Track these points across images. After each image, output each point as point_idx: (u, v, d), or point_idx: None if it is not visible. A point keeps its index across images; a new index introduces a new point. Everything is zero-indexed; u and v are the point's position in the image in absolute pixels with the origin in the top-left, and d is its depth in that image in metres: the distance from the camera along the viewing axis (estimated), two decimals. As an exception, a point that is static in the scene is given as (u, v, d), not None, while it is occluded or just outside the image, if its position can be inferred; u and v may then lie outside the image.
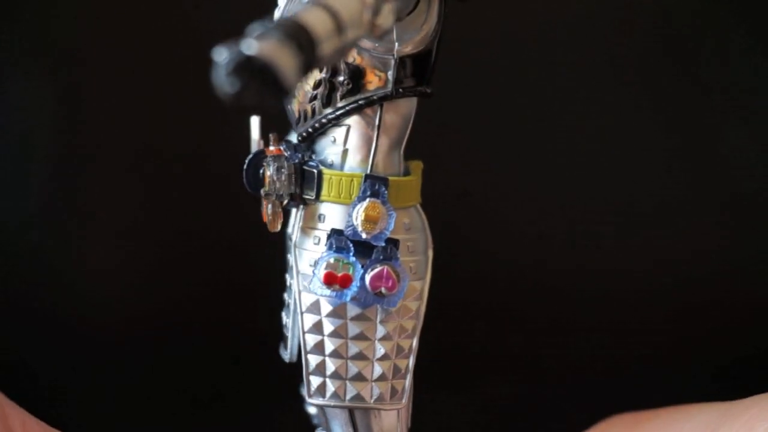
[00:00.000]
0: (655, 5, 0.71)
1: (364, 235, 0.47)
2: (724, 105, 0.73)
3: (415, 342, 0.49)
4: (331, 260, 0.47)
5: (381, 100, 0.47)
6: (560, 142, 0.72)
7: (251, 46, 0.33)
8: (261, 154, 0.49)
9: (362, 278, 0.47)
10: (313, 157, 0.49)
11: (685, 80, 0.72)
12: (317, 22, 0.36)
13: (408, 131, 0.49)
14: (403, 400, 0.49)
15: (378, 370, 0.48)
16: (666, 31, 0.72)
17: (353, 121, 0.48)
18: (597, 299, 0.72)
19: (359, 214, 0.47)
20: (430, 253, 0.50)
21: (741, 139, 0.73)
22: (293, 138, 0.50)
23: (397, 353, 0.48)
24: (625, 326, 0.72)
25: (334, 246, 0.47)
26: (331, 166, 0.49)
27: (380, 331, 0.48)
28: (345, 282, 0.46)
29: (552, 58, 0.70)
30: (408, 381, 0.49)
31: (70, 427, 0.50)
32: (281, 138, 0.51)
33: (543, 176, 0.72)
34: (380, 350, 0.48)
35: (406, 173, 0.50)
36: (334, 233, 0.47)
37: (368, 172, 0.48)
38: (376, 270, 0.47)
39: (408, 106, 0.48)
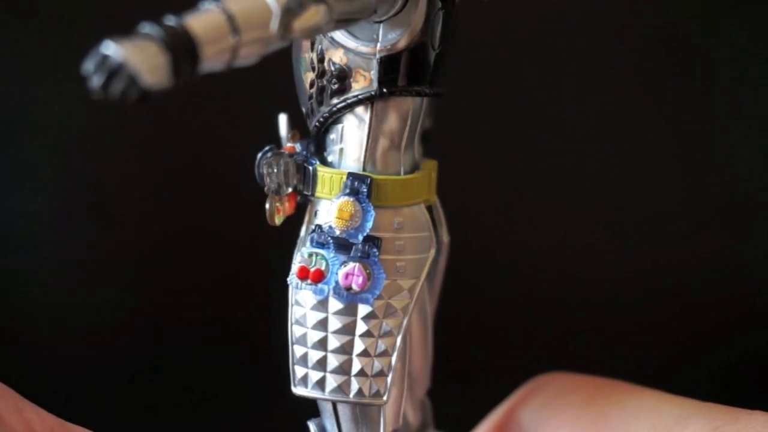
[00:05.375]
0: (656, 10, 0.69)
1: (337, 232, 0.47)
2: (726, 107, 0.71)
3: (398, 341, 0.49)
4: (306, 255, 0.48)
5: (367, 100, 0.48)
6: (560, 144, 0.71)
7: (108, 46, 0.35)
8: (270, 151, 0.51)
9: (336, 274, 0.48)
10: (324, 154, 0.51)
11: (685, 84, 0.71)
12: (205, 22, 0.37)
13: (408, 130, 0.49)
14: (384, 398, 0.49)
15: (357, 365, 0.48)
16: (667, 34, 0.71)
17: (347, 120, 0.49)
18: (604, 299, 0.72)
19: (333, 210, 0.48)
20: (432, 253, 0.50)
21: (742, 141, 0.71)
22: None
23: (377, 351, 0.48)
24: (629, 326, 0.71)
25: (314, 241, 0.48)
26: (331, 164, 0.50)
27: (361, 327, 0.48)
28: (317, 276, 0.48)
29: (552, 62, 0.69)
30: (389, 380, 0.49)
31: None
32: (302, 135, 0.52)
33: (543, 179, 0.72)
34: (360, 346, 0.48)
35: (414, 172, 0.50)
36: (317, 228, 0.49)
37: (361, 170, 0.49)
38: (347, 267, 0.47)
39: (404, 105, 0.49)
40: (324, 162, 0.50)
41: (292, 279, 0.48)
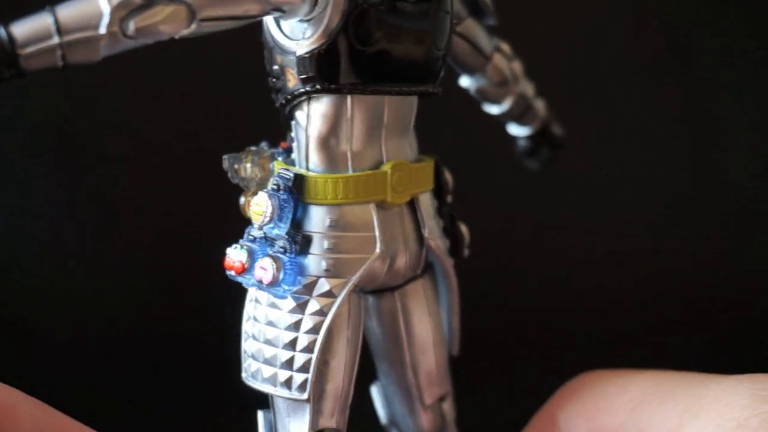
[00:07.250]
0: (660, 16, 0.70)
1: (255, 225, 0.48)
2: (728, 112, 0.71)
3: (320, 338, 0.48)
4: (232, 248, 0.49)
5: (301, 98, 0.48)
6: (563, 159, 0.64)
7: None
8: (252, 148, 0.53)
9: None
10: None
11: (687, 89, 0.71)
12: (29, 25, 0.41)
13: (353, 129, 0.48)
14: (305, 395, 0.49)
15: (282, 358, 0.49)
16: (669, 39, 0.71)
17: (295, 117, 0.49)
18: (618, 307, 0.74)
19: (252, 205, 0.48)
20: (376, 254, 0.49)
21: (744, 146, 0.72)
22: None
23: (299, 347, 0.49)
24: (644, 332, 0.73)
25: (248, 234, 0.49)
26: (293, 161, 0.51)
27: (286, 320, 0.49)
28: (239, 269, 0.49)
29: (554, 67, 0.67)
30: (311, 376, 0.48)
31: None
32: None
33: (545, 184, 0.71)
34: (284, 339, 0.49)
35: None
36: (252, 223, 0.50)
37: (304, 167, 0.49)
38: (261, 261, 0.48)
39: (341, 104, 0.48)
40: (286, 159, 0.51)
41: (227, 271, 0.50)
